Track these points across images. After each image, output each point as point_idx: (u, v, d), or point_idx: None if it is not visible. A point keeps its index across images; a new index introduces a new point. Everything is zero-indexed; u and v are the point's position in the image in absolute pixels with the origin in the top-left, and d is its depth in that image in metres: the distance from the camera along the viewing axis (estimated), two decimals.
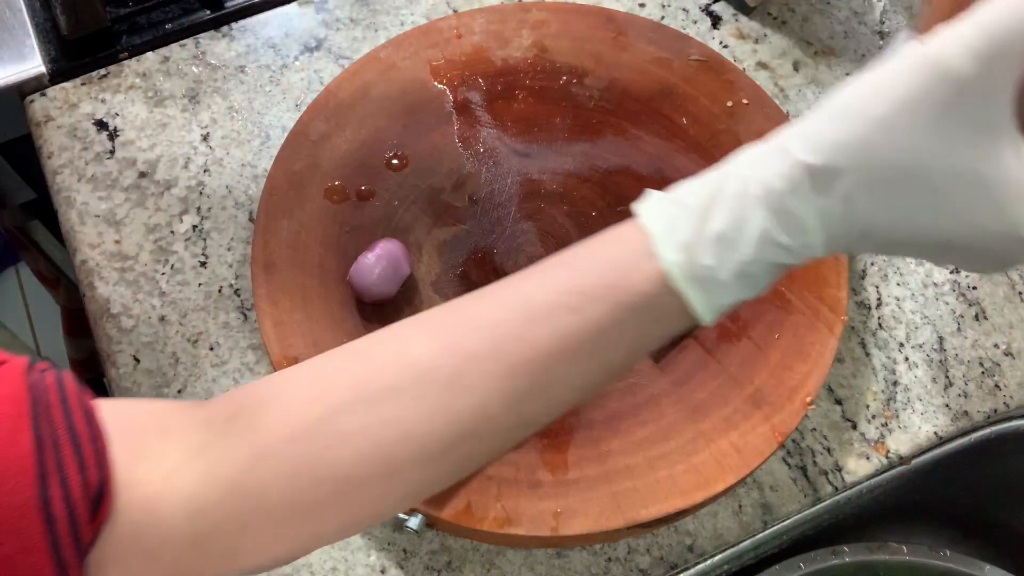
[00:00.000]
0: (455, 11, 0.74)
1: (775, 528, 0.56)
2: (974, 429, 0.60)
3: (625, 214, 0.61)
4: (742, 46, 0.74)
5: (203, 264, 0.63)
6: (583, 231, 0.61)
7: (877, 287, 0.65)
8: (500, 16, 0.69)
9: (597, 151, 0.64)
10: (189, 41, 0.72)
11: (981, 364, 0.62)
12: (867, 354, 0.62)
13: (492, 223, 0.61)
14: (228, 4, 0.74)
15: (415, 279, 0.59)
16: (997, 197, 0.31)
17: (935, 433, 0.60)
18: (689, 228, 0.33)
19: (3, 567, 0.29)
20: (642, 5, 0.76)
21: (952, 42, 0.31)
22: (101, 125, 0.68)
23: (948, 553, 0.55)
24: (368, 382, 0.34)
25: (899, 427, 0.60)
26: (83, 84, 0.70)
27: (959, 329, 0.63)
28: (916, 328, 0.63)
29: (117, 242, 0.64)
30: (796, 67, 0.73)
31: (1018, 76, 0.31)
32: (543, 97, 0.66)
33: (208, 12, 0.73)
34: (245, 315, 0.62)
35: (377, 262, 0.56)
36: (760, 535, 0.56)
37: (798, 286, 0.58)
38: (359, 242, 0.59)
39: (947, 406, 0.60)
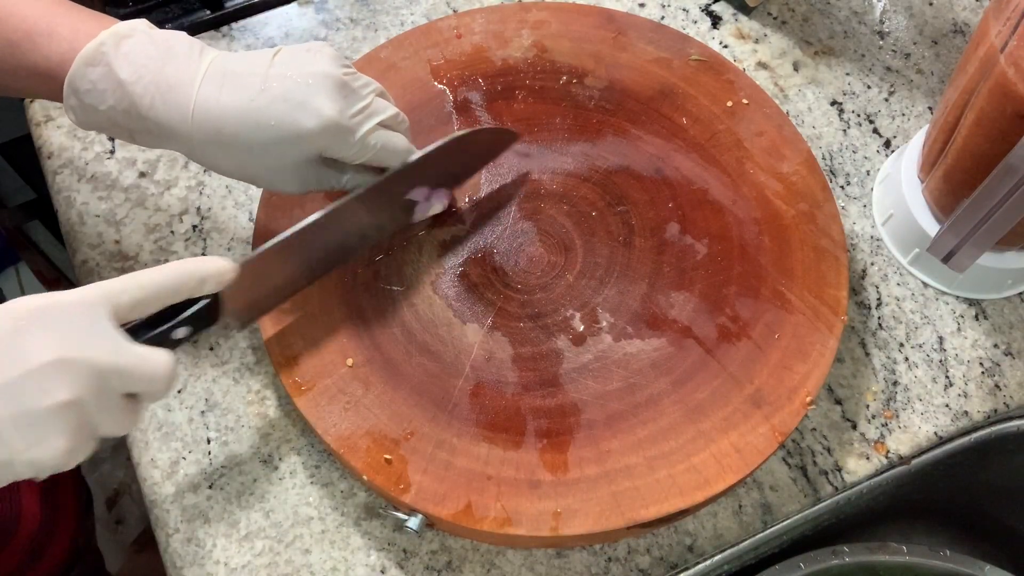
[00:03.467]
0: (455, 11, 0.74)
1: (775, 528, 0.56)
2: (974, 429, 0.60)
3: (625, 214, 0.61)
4: (742, 46, 0.74)
5: None
6: (583, 231, 0.61)
7: (877, 287, 0.65)
8: (500, 16, 0.69)
9: (597, 151, 0.64)
10: None
11: (981, 364, 0.62)
12: (867, 354, 0.62)
13: (492, 223, 0.61)
14: (228, 4, 0.74)
15: (416, 278, 0.59)
16: None
17: (935, 433, 0.60)
18: None
19: None
20: (642, 5, 0.76)
21: None
22: None
23: (948, 553, 0.55)
24: None
25: (899, 427, 0.60)
26: None
27: (959, 329, 0.63)
28: (916, 328, 0.63)
29: (117, 242, 0.64)
30: (796, 67, 0.73)
31: None
32: (543, 97, 0.66)
33: (208, 12, 0.73)
34: None
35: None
36: (760, 535, 0.56)
37: (798, 286, 0.58)
38: None
39: (947, 406, 0.60)
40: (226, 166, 0.51)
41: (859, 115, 0.71)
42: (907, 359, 0.62)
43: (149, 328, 0.45)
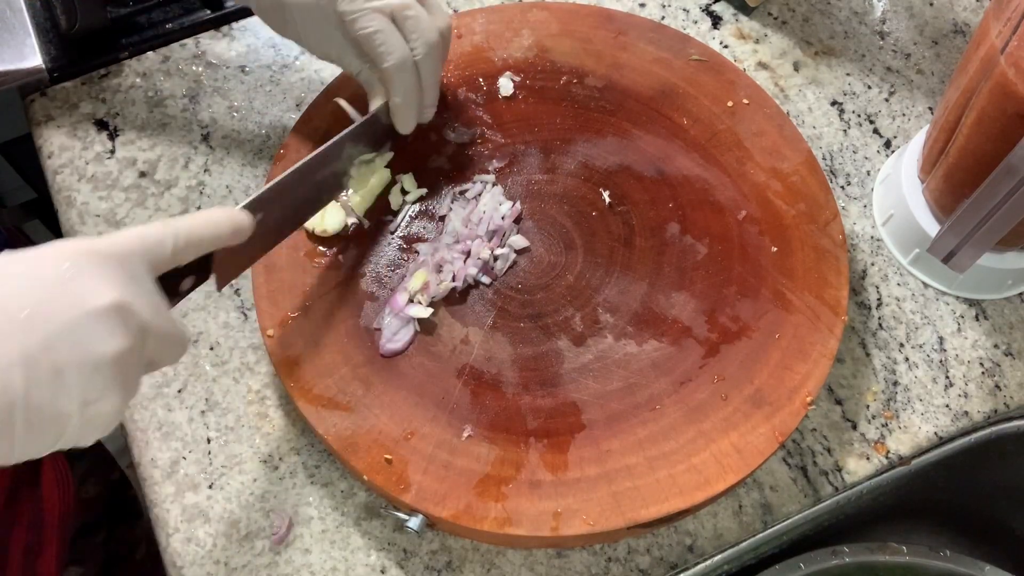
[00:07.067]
0: (455, 11, 0.74)
1: (775, 528, 0.56)
2: (974, 429, 0.60)
3: (625, 214, 0.61)
4: (742, 46, 0.74)
5: None
6: (583, 231, 0.61)
7: (877, 287, 0.65)
8: (500, 16, 0.69)
9: (597, 151, 0.64)
10: (189, 41, 0.72)
11: (981, 364, 0.62)
12: (867, 354, 0.62)
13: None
14: (228, 4, 0.74)
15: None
16: None
17: (935, 433, 0.60)
18: None
19: None
20: (642, 5, 0.76)
21: None
22: (101, 125, 0.68)
23: (948, 553, 0.55)
24: None
25: (899, 427, 0.60)
26: (83, 83, 0.70)
27: (959, 329, 0.63)
28: (916, 328, 0.63)
29: None
30: (796, 67, 0.73)
31: None
32: (543, 97, 0.66)
33: (208, 12, 0.73)
34: (245, 315, 0.62)
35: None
36: (760, 535, 0.56)
37: (798, 286, 0.58)
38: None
39: (947, 406, 0.60)
40: (274, 22, 0.59)
41: (859, 115, 0.71)
42: (907, 359, 0.62)
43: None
